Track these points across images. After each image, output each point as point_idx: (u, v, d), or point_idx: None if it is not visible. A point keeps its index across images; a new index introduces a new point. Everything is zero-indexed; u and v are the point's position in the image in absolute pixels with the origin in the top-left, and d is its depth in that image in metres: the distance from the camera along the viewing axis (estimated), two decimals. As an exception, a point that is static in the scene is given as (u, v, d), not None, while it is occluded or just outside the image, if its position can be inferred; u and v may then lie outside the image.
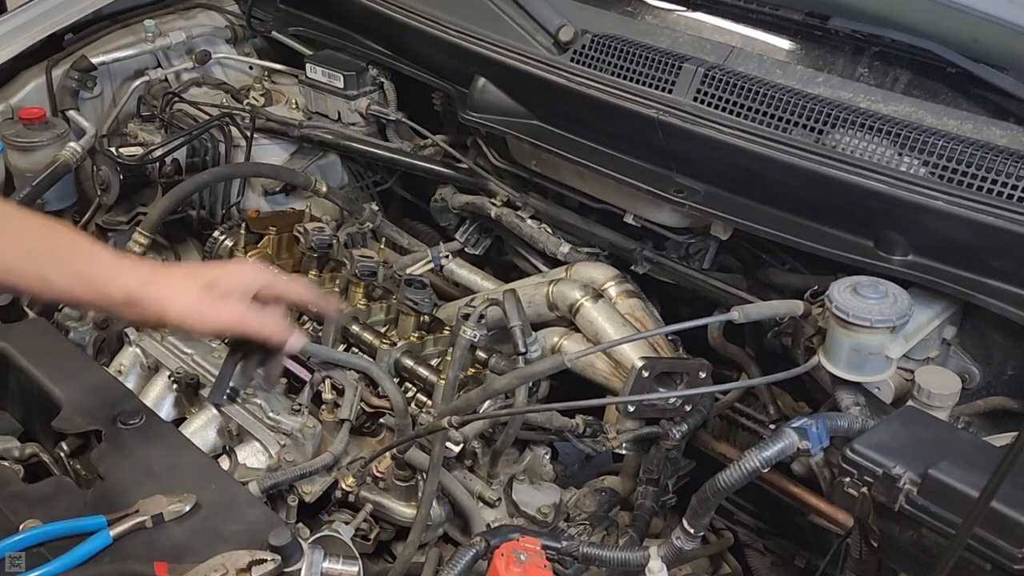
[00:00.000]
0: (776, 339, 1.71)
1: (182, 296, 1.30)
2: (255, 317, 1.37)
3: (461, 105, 2.11)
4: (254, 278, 1.39)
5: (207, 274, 1.35)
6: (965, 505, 1.06)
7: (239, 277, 1.37)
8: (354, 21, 2.39)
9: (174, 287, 1.31)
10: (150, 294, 1.28)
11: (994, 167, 1.50)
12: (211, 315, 1.32)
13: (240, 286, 1.36)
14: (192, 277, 1.34)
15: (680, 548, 1.39)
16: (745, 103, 1.73)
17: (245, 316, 1.36)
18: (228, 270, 1.40)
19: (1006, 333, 1.58)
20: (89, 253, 1.28)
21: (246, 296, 1.37)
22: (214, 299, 1.32)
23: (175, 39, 2.53)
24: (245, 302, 1.36)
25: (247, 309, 1.36)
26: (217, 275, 1.35)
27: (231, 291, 1.35)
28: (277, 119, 2.38)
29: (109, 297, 1.27)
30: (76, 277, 1.26)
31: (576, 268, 1.96)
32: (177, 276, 1.34)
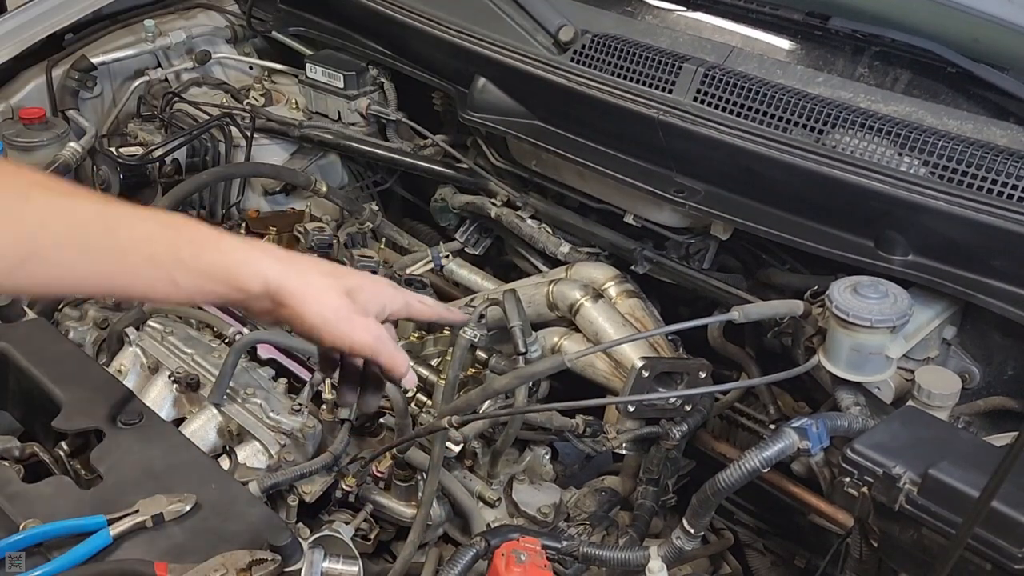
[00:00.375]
0: (776, 339, 1.71)
1: (325, 298, 1.15)
2: (389, 345, 1.20)
3: (461, 105, 2.11)
4: (393, 298, 1.23)
5: (349, 279, 1.20)
6: (965, 505, 1.06)
7: (380, 292, 1.22)
8: (354, 21, 2.39)
9: (317, 285, 1.15)
10: (291, 285, 1.12)
11: (994, 167, 1.50)
12: (348, 328, 1.16)
13: (380, 302, 1.21)
14: (334, 276, 1.18)
15: (680, 548, 1.39)
16: (745, 103, 1.73)
17: (381, 341, 1.19)
18: (370, 281, 1.23)
19: (1006, 333, 1.58)
20: (216, 243, 1.11)
21: (382, 315, 1.22)
22: (355, 311, 1.17)
23: (175, 39, 2.53)
24: (380, 321, 1.21)
25: (384, 333, 1.20)
26: (359, 283, 1.20)
27: (371, 305, 1.19)
28: (277, 119, 2.38)
29: (245, 289, 1.10)
30: (206, 274, 1.09)
31: (576, 268, 1.96)
32: (317, 272, 1.17)
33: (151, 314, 1.91)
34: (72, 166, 2.20)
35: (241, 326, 1.89)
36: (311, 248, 2.00)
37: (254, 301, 1.13)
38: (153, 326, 1.85)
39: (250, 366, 1.77)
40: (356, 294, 1.18)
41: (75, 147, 2.21)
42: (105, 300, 2.15)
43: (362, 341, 1.17)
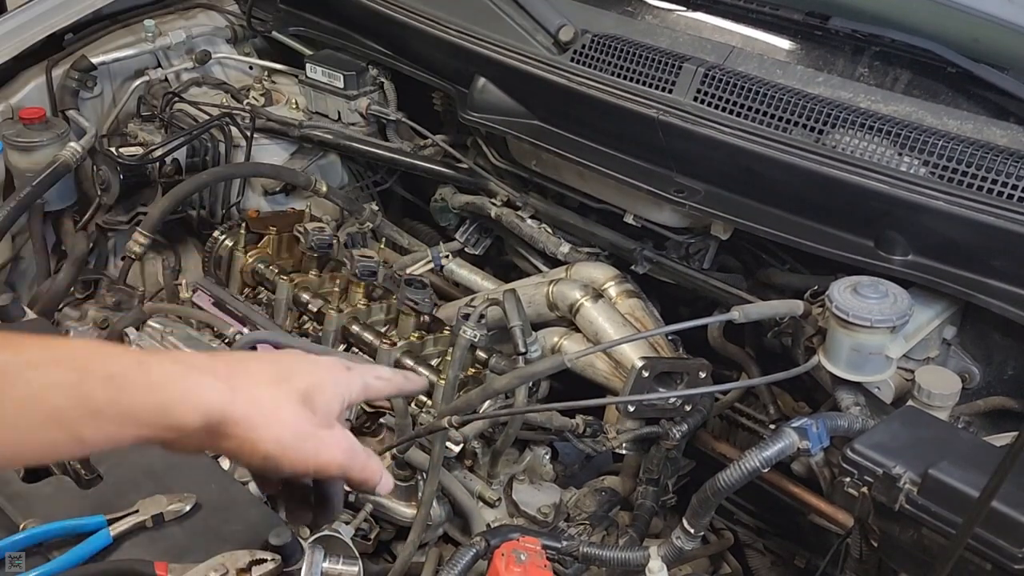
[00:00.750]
0: (776, 339, 1.71)
1: (279, 416, 0.95)
2: (361, 455, 1.01)
3: (461, 105, 2.11)
4: (349, 385, 1.04)
5: (300, 378, 0.99)
6: (965, 505, 1.06)
7: (337, 384, 1.02)
8: (354, 21, 2.39)
9: (266, 402, 0.94)
10: (238, 413, 0.91)
11: (994, 167, 1.50)
12: (312, 449, 0.96)
13: (339, 398, 1.02)
14: (284, 381, 0.98)
15: (680, 548, 1.39)
16: (745, 103, 1.73)
17: (352, 454, 1.00)
18: (323, 371, 1.03)
19: (1006, 333, 1.58)
20: (141, 377, 0.89)
21: (343, 411, 1.03)
22: (317, 423, 0.97)
23: (175, 39, 2.53)
24: (343, 422, 1.03)
25: (353, 442, 1.01)
26: (313, 382, 1.00)
27: (332, 406, 1.00)
28: (277, 119, 2.38)
29: (178, 427, 0.89)
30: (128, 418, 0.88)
31: (576, 268, 1.96)
32: (264, 383, 0.96)
33: (151, 314, 1.91)
34: (72, 166, 2.20)
35: (241, 326, 1.90)
36: (311, 248, 2.00)
37: (186, 438, 0.91)
38: (153, 326, 1.85)
39: (250, 366, 1.76)
40: (313, 398, 0.98)
41: (75, 147, 2.21)
42: (105, 300, 2.16)
43: (330, 460, 0.98)
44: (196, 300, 2.00)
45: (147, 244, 2.02)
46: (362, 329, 1.85)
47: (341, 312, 1.86)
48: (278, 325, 1.94)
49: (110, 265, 2.45)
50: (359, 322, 1.87)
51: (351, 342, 1.87)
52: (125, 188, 2.28)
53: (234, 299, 2.00)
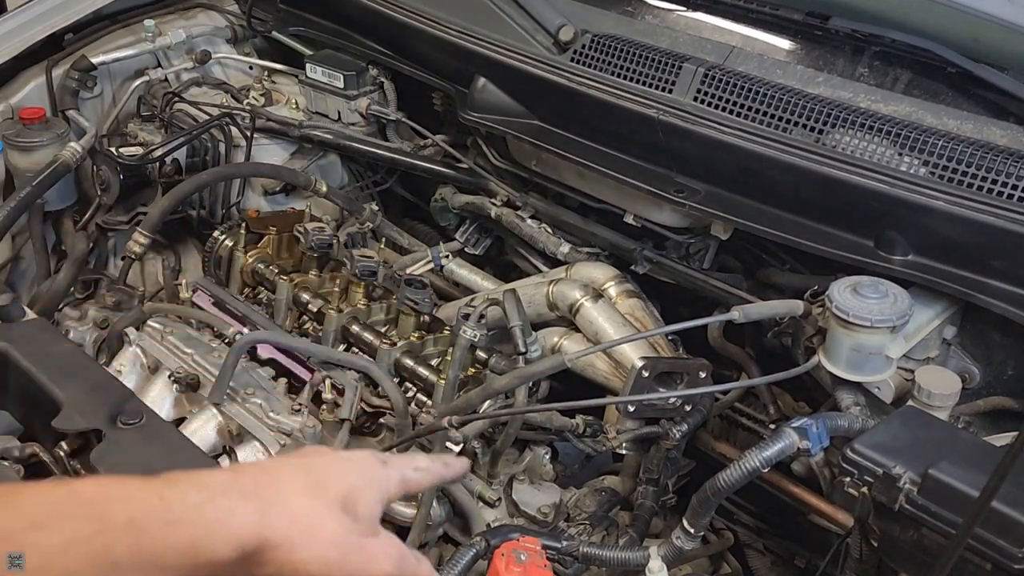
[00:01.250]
0: (776, 339, 1.71)
1: (322, 531, 0.86)
2: (411, 562, 0.94)
3: (461, 105, 2.11)
4: (386, 482, 0.95)
5: (336, 484, 0.90)
6: (965, 505, 1.06)
7: (373, 483, 0.94)
8: (354, 21, 2.39)
9: (306, 517, 0.86)
10: (276, 535, 0.83)
11: (994, 167, 1.50)
12: (362, 562, 0.88)
13: (379, 497, 0.93)
14: (319, 493, 0.88)
15: (680, 548, 1.39)
16: (745, 103, 1.73)
17: (404, 562, 0.92)
18: (358, 471, 0.94)
19: (1006, 333, 1.58)
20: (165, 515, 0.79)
21: (383, 510, 0.95)
22: (362, 532, 0.89)
23: (175, 39, 2.53)
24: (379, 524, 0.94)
25: (403, 548, 0.94)
26: (351, 485, 0.91)
27: (373, 509, 0.92)
28: (277, 119, 2.38)
29: (213, 562, 0.80)
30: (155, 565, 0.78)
31: (576, 268, 1.96)
32: (299, 494, 0.87)
33: (151, 314, 1.91)
34: (72, 166, 2.20)
35: (241, 326, 1.90)
36: (311, 248, 2.00)
37: (234, 569, 0.82)
38: (153, 326, 1.85)
39: (250, 366, 1.77)
40: (354, 503, 0.90)
41: (75, 147, 2.21)
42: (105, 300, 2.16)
43: (381, 572, 0.90)
44: (196, 300, 2.00)
45: (147, 244, 2.02)
46: (362, 329, 1.85)
47: (341, 312, 1.86)
48: (278, 325, 1.94)
49: (110, 265, 2.45)
50: (359, 322, 1.87)
51: (351, 342, 1.87)
52: (125, 188, 2.27)
53: (234, 299, 2.01)
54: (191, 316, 1.92)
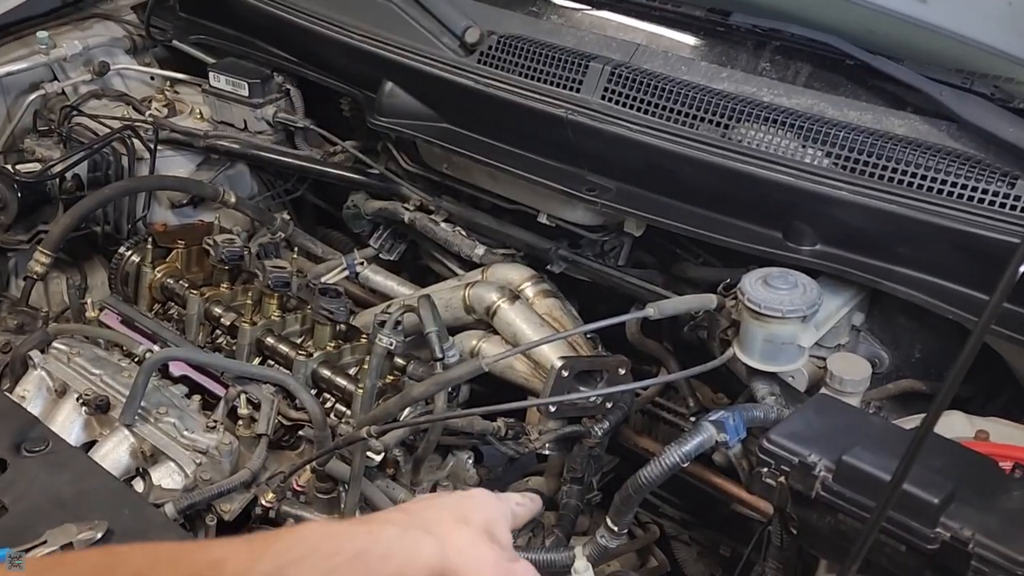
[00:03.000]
0: (693, 333, 1.73)
1: (482, 559, 0.93)
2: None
3: (369, 110, 2.09)
4: (508, 514, 1.04)
5: (475, 516, 0.98)
6: (878, 489, 1.07)
7: (504, 518, 1.02)
8: (257, 28, 2.35)
9: (470, 547, 0.93)
10: (453, 563, 0.90)
11: (894, 156, 1.54)
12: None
13: (508, 530, 1.02)
14: (468, 524, 0.96)
15: (605, 546, 1.39)
16: (652, 100, 1.75)
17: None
18: (492, 509, 1.01)
19: (913, 317, 1.62)
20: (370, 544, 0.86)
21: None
22: (508, 558, 0.97)
23: (71, 50, 2.45)
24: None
25: (534, 571, 1.00)
26: (488, 519, 0.99)
27: (509, 540, 1.00)
28: (181, 130, 2.33)
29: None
30: None
31: (492, 270, 1.96)
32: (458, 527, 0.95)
33: (56, 335, 1.85)
34: (-35, 186, 2.12)
35: (151, 343, 1.85)
36: (221, 260, 1.96)
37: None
38: (59, 348, 1.80)
39: (162, 384, 1.73)
40: (495, 533, 0.98)
41: (-32, 166, 2.13)
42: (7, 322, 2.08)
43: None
44: (104, 319, 1.95)
45: (49, 263, 1.97)
46: (277, 341, 1.82)
47: (255, 325, 1.83)
48: (190, 341, 1.89)
49: (11, 286, 2.37)
50: (274, 334, 1.84)
51: (266, 355, 1.84)
52: (24, 206, 2.20)
53: (143, 316, 1.96)
54: (99, 336, 1.87)
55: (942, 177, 1.50)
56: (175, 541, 0.96)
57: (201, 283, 2.02)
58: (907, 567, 1.07)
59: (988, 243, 1.44)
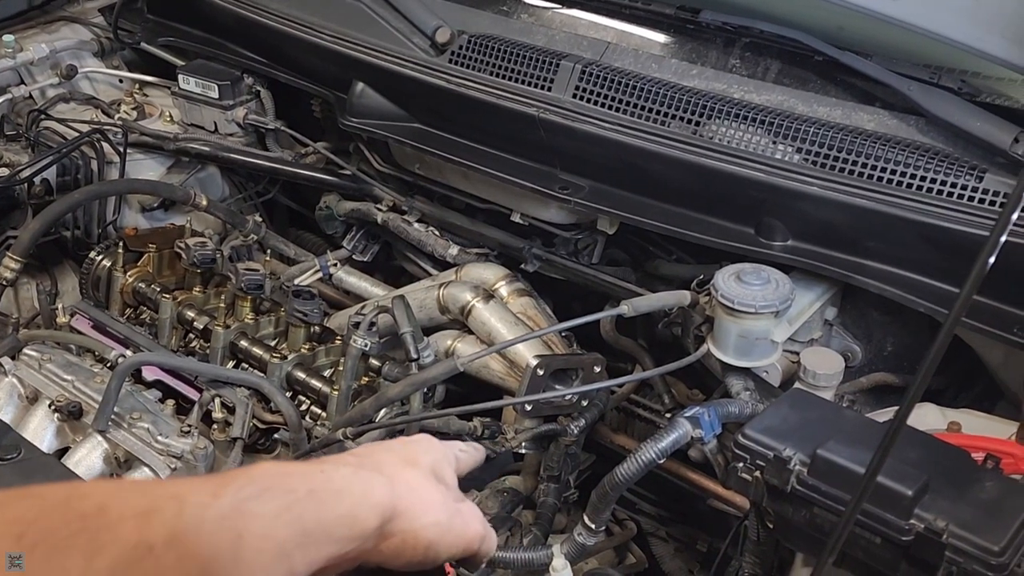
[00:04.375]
0: (667, 329, 1.73)
1: (430, 499, 0.90)
2: (487, 524, 0.98)
3: (340, 111, 2.08)
4: (452, 458, 1.01)
5: (422, 458, 0.95)
6: (853, 482, 1.08)
7: (447, 460, 0.99)
8: (226, 29, 2.34)
9: (418, 488, 0.90)
10: (402, 503, 0.86)
11: (863, 151, 1.55)
12: (461, 525, 0.92)
13: (452, 472, 0.99)
14: (415, 466, 0.93)
15: (583, 544, 1.40)
16: (623, 98, 1.75)
17: (485, 522, 0.96)
18: (436, 451, 0.99)
19: (884, 311, 1.63)
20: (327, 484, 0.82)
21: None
22: (455, 498, 0.95)
23: (38, 54, 2.43)
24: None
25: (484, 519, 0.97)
26: (434, 461, 0.96)
27: (454, 481, 0.98)
28: (151, 133, 2.31)
29: (364, 534, 0.82)
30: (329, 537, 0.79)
31: (466, 269, 1.96)
32: (406, 468, 0.92)
33: (27, 341, 1.83)
34: (-69, 192, 2.10)
35: (124, 348, 1.84)
36: (193, 263, 1.95)
37: (359, 548, 0.83)
38: (30, 354, 1.78)
39: (135, 389, 1.71)
40: (441, 474, 0.95)
41: (-65, 171, 2.10)
42: (-24, 329, 2.06)
43: (475, 533, 0.93)
44: (75, 324, 1.93)
45: (19, 269, 1.94)
46: (251, 344, 1.81)
47: (228, 328, 1.82)
48: (163, 345, 1.88)
49: (-20, 292, 2.34)
50: (247, 337, 1.83)
51: (240, 358, 1.83)
52: (-8, 212, 2.18)
53: (115, 321, 1.94)
54: (70, 341, 1.85)
55: (911, 171, 1.51)
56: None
57: (173, 287, 2.00)
58: (882, 559, 1.08)
59: (957, 236, 1.45)
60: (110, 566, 0.64)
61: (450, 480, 0.96)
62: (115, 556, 0.65)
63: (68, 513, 0.67)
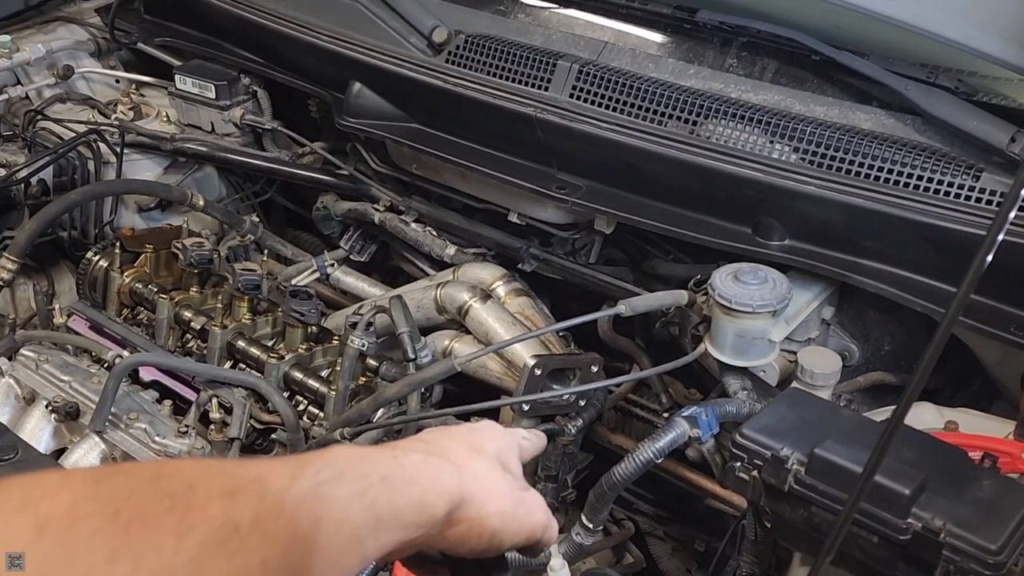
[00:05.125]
0: (664, 329, 1.73)
1: (497, 487, 0.89)
2: (554, 521, 0.95)
3: (338, 111, 2.08)
4: (516, 446, 0.99)
5: (488, 446, 0.94)
6: (850, 481, 1.08)
7: (512, 448, 0.97)
8: (223, 29, 2.33)
9: (484, 474, 0.89)
10: (469, 491, 0.86)
11: (860, 150, 1.55)
12: (526, 513, 0.90)
13: (517, 460, 0.97)
14: (481, 453, 0.92)
15: (580, 544, 1.40)
16: (620, 98, 1.75)
17: (549, 513, 0.94)
18: (501, 439, 0.97)
19: (881, 310, 1.63)
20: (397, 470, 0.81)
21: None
22: (520, 487, 0.93)
23: (34, 54, 2.43)
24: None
25: (546, 504, 0.96)
26: (499, 448, 0.95)
27: (519, 470, 0.96)
28: (148, 133, 2.31)
29: (433, 520, 0.82)
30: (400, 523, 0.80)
31: (463, 269, 1.96)
32: (473, 455, 0.91)
33: (24, 342, 1.83)
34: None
35: (121, 349, 1.83)
36: (191, 264, 1.94)
37: (440, 528, 0.83)
38: (27, 355, 1.78)
39: (132, 390, 1.71)
40: (507, 462, 0.93)
41: (-69, 172, 2.10)
42: (-27, 330, 2.06)
43: (538, 522, 0.91)
44: (72, 325, 1.93)
45: (16, 269, 1.94)
46: (248, 344, 1.81)
47: (225, 328, 1.82)
48: (160, 346, 1.88)
49: (-23, 293, 2.34)
50: (245, 337, 1.83)
51: (238, 358, 1.82)
52: (-12, 213, 2.18)
53: (112, 321, 1.94)
54: (67, 342, 1.85)
55: (908, 171, 1.51)
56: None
57: (170, 287, 2.00)
58: (880, 558, 1.08)
59: (954, 235, 1.45)
60: (199, 544, 0.65)
61: (515, 468, 0.95)
62: (204, 535, 0.65)
63: (159, 491, 0.67)
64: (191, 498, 0.68)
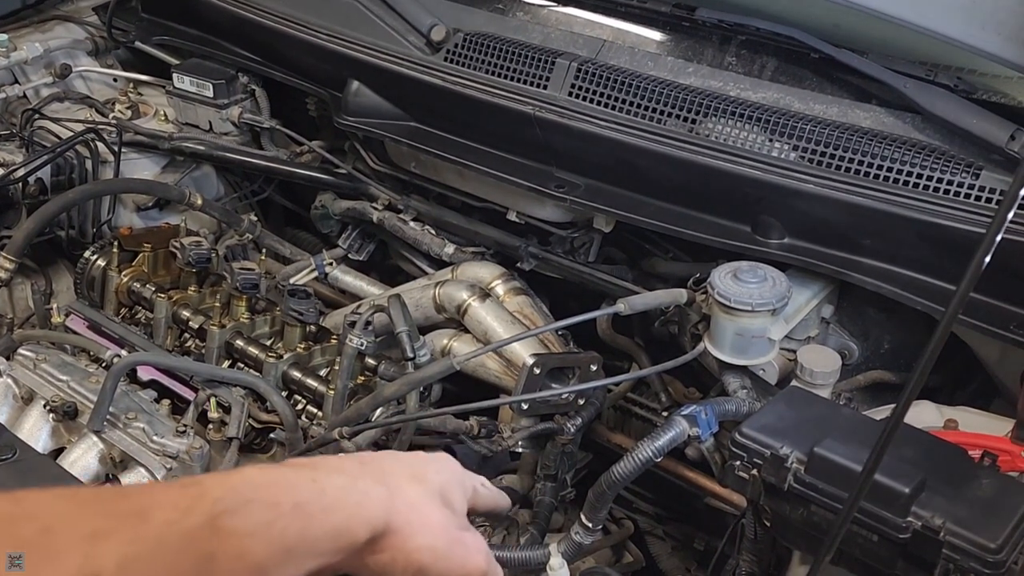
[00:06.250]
0: (663, 328, 1.73)
1: (431, 520, 0.86)
2: (493, 559, 0.93)
3: (336, 110, 2.08)
4: (468, 485, 0.97)
5: (432, 476, 0.91)
6: (850, 480, 1.08)
7: (461, 485, 0.95)
8: (221, 28, 2.33)
9: (419, 506, 0.85)
10: (398, 520, 0.82)
11: (860, 148, 1.55)
12: (462, 555, 0.87)
13: (465, 498, 0.94)
14: (423, 482, 0.88)
15: (580, 543, 1.40)
16: (619, 96, 1.75)
17: (490, 558, 0.92)
18: (450, 472, 0.94)
19: (881, 308, 1.63)
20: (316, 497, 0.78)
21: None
22: (459, 525, 0.90)
23: (31, 53, 2.42)
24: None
25: (488, 549, 0.93)
26: (445, 482, 0.92)
27: (463, 507, 0.93)
28: (146, 132, 2.30)
29: (352, 546, 0.79)
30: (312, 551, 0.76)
31: (462, 268, 1.95)
32: (412, 483, 0.87)
33: (22, 341, 1.83)
34: (-75, 192, 2.09)
35: (119, 348, 1.83)
36: (189, 263, 1.94)
37: (345, 559, 0.80)
38: (24, 354, 1.77)
39: (130, 389, 1.71)
40: (449, 497, 0.90)
41: (-71, 171, 2.10)
42: (-29, 330, 2.06)
43: (476, 567, 0.88)
44: (70, 324, 1.92)
45: (13, 269, 1.94)
46: (246, 343, 1.81)
47: (224, 327, 1.81)
48: (158, 345, 1.88)
49: (-26, 293, 2.34)
50: (243, 336, 1.82)
51: (236, 357, 1.82)
52: (-15, 212, 2.17)
53: (110, 321, 1.93)
54: (65, 341, 1.85)
55: (907, 169, 1.51)
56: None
57: (168, 286, 2.00)
58: (879, 557, 1.08)
59: (954, 233, 1.45)
60: None
61: (458, 506, 0.91)
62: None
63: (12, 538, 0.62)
64: (45, 545, 0.62)
